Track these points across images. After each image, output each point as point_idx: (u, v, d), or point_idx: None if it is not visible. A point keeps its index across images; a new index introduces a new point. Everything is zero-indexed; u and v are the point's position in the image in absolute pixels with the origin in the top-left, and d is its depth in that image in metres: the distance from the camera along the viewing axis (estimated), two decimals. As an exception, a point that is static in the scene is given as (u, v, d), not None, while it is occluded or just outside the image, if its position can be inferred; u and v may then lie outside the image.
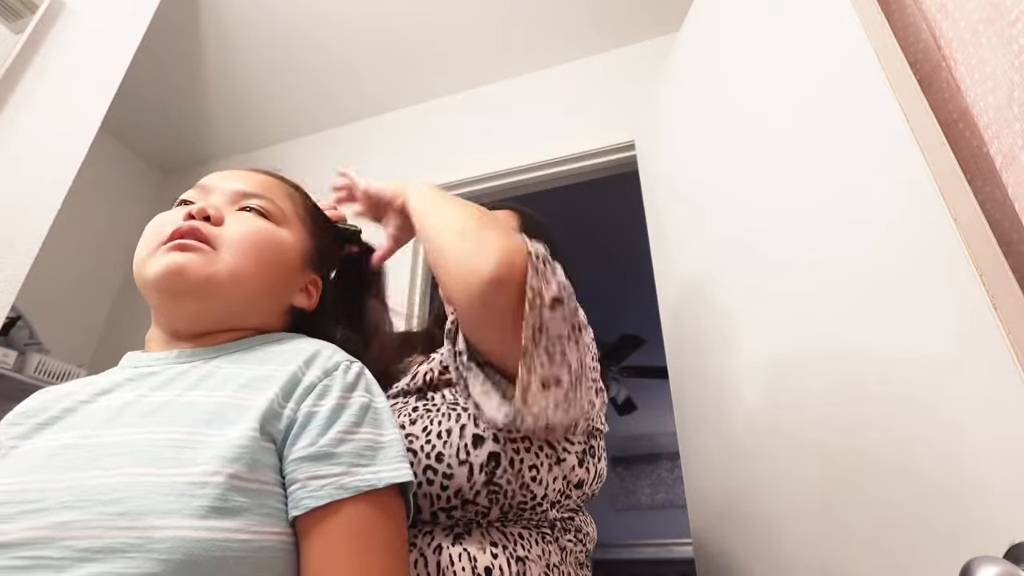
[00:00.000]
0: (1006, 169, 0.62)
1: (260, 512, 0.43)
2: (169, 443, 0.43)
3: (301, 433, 0.47)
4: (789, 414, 0.85)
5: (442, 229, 0.60)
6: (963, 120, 0.69)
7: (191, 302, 0.54)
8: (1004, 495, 0.52)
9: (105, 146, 2.28)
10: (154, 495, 0.40)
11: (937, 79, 0.73)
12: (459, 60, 2.04)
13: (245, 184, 0.61)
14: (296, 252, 0.62)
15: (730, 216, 1.06)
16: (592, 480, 0.68)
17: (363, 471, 0.46)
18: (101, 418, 0.47)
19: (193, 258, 0.53)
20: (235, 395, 0.48)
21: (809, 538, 0.78)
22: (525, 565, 0.57)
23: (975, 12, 0.67)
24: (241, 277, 0.55)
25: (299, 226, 0.64)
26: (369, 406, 0.51)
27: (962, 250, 0.58)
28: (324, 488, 0.44)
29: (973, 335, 0.57)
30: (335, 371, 0.52)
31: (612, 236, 2.78)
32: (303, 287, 0.64)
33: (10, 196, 1.13)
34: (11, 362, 1.57)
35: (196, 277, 0.52)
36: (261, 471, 0.44)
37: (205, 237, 0.54)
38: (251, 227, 0.58)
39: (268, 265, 0.58)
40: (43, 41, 1.25)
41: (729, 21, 1.12)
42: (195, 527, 0.39)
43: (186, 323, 0.56)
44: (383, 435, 0.50)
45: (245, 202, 0.60)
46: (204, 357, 0.54)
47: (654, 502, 4.80)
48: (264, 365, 0.52)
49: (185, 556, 0.38)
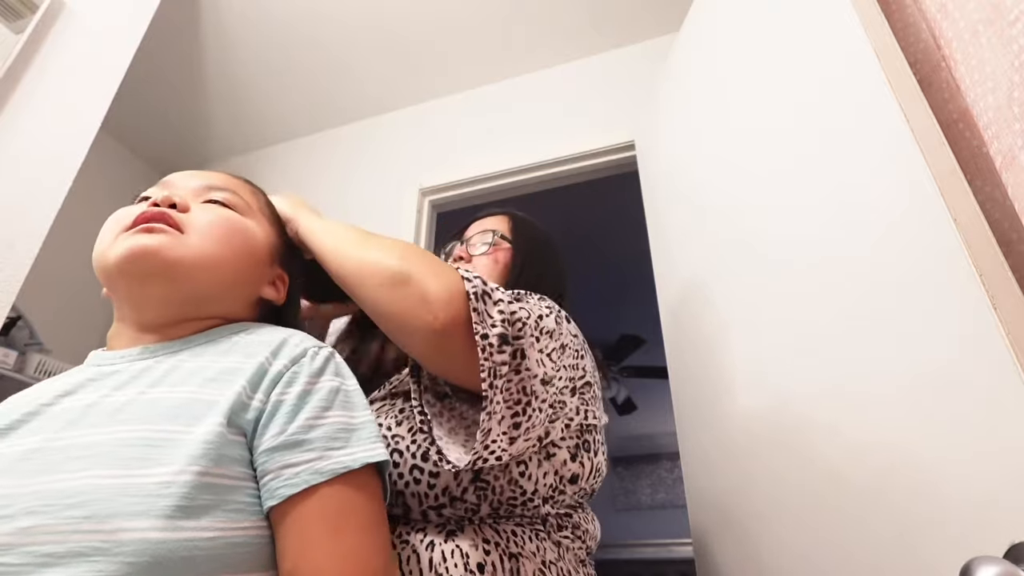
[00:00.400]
0: (1006, 169, 0.62)
1: (229, 508, 0.42)
2: (133, 442, 0.42)
3: (269, 423, 0.46)
4: (788, 414, 0.85)
5: (366, 275, 0.58)
6: (963, 120, 0.69)
7: (158, 285, 0.52)
8: (1004, 495, 0.52)
9: (105, 146, 2.28)
10: (120, 497, 0.39)
11: (937, 79, 0.73)
12: (459, 60, 2.04)
13: (209, 180, 0.61)
14: (263, 244, 0.61)
15: (730, 216, 1.06)
16: (588, 475, 0.66)
17: (337, 454, 0.46)
18: (65, 420, 0.46)
19: (161, 239, 0.51)
20: (201, 390, 0.47)
21: (809, 538, 0.78)
22: (519, 562, 0.57)
23: (975, 12, 0.67)
24: (209, 262, 0.54)
25: (264, 220, 0.63)
26: (339, 389, 0.50)
27: (962, 250, 0.58)
28: (299, 475, 0.44)
29: (973, 336, 0.57)
30: (303, 358, 0.51)
31: (612, 236, 2.78)
32: (271, 280, 0.63)
33: (10, 196, 1.13)
34: (11, 362, 1.57)
35: (164, 258, 0.51)
36: (228, 466, 0.43)
37: (173, 221, 0.53)
38: (219, 215, 0.57)
39: (236, 252, 0.57)
40: (43, 41, 1.25)
41: (729, 21, 1.12)
42: (161, 528, 0.38)
43: (153, 309, 0.54)
44: (355, 417, 0.49)
45: (210, 195, 0.59)
46: (168, 351, 0.52)
47: (654, 502, 4.80)
48: (229, 356, 0.51)
49: (151, 558, 0.37)
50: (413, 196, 1.95)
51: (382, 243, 0.61)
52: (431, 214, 1.96)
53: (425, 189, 1.95)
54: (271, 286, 0.63)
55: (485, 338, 0.53)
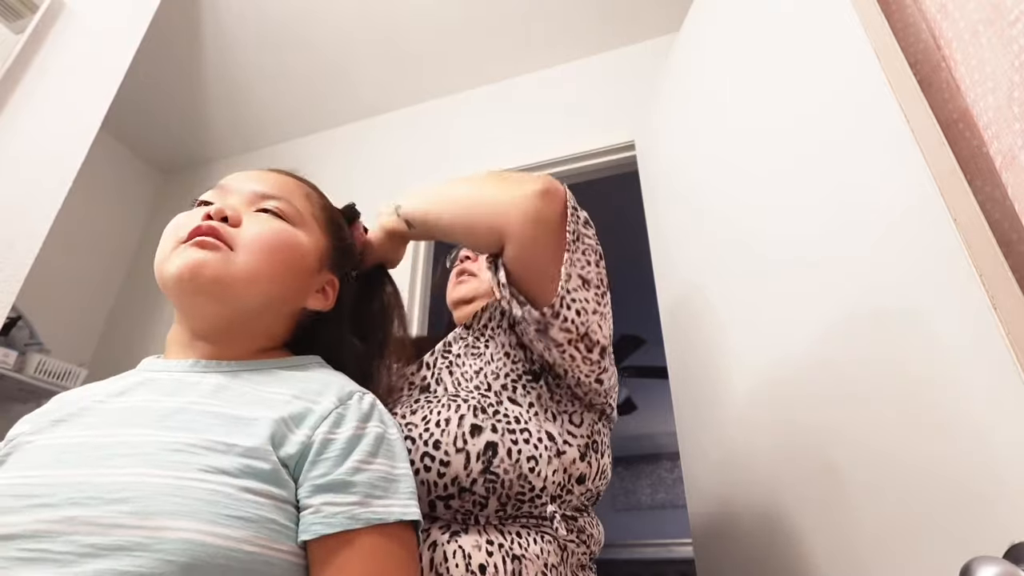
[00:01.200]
0: (1006, 169, 0.62)
1: (269, 527, 0.43)
2: (181, 447, 0.44)
3: (318, 460, 0.47)
4: (789, 414, 0.85)
5: (475, 189, 0.68)
6: (963, 120, 0.69)
7: (207, 301, 0.54)
8: (1004, 495, 0.52)
9: (105, 146, 2.28)
10: (165, 496, 0.40)
11: (937, 79, 0.73)
12: (457, 61, 2.03)
13: (263, 185, 0.62)
14: (312, 253, 0.62)
15: (729, 216, 1.06)
16: (595, 475, 0.67)
17: (376, 503, 0.47)
18: (114, 418, 0.47)
19: (211, 256, 0.54)
20: (247, 410, 0.49)
21: (809, 538, 0.78)
22: (521, 564, 0.57)
23: (975, 12, 0.67)
24: (256, 278, 0.56)
25: (316, 227, 0.64)
26: (384, 437, 0.51)
27: (962, 250, 0.58)
28: (337, 516, 0.45)
29: (973, 335, 0.57)
30: (349, 400, 0.52)
31: (612, 236, 2.78)
32: (320, 288, 0.64)
33: (10, 196, 1.13)
34: (11, 362, 1.56)
35: (213, 275, 0.53)
36: (272, 487, 0.44)
37: (223, 237, 0.55)
38: (268, 229, 0.58)
39: (284, 267, 0.58)
40: (43, 41, 1.25)
41: (729, 21, 1.12)
42: (204, 532, 0.39)
43: (204, 321, 0.56)
44: (396, 468, 0.50)
45: (263, 203, 0.60)
46: (217, 370, 0.55)
47: (654, 502, 4.80)
48: (275, 386, 0.53)
49: (191, 559, 0.38)
50: (413, 196, 1.95)
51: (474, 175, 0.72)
52: (431, 214, 1.96)
53: (425, 189, 1.95)
54: (319, 294, 0.64)
55: (575, 210, 0.66)
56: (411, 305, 1.75)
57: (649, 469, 4.95)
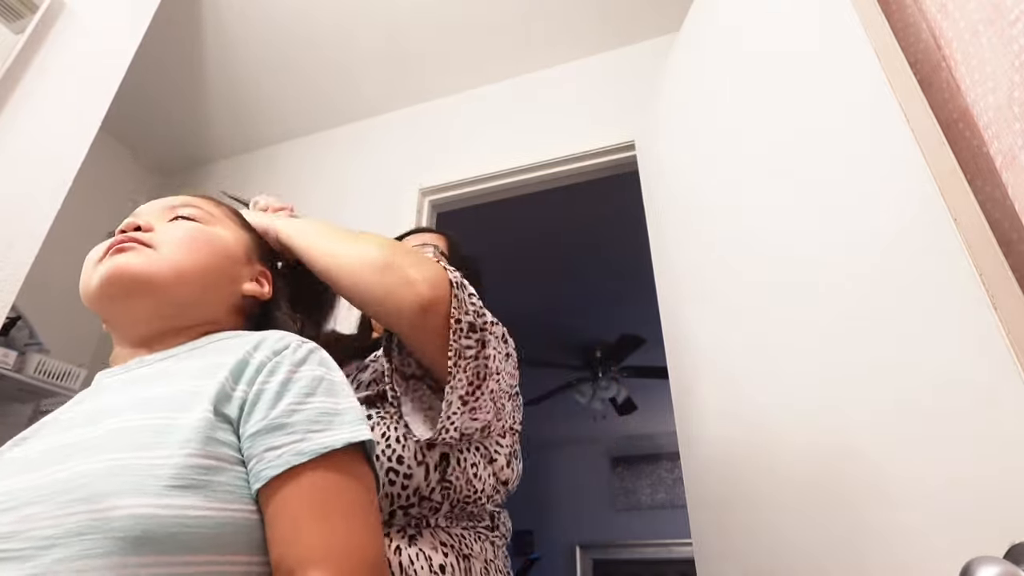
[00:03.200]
0: (1006, 169, 0.62)
1: (218, 489, 0.43)
2: (126, 431, 0.44)
3: (252, 409, 0.47)
4: (789, 414, 0.85)
5: (356, 264, 0.63)
6: (963, 120, 0.69)
7: (139, 299, 0.55)
8: (1004, 495, 0.52)
9: (105, 146, 2.27)
10: (112, 477, 0.40)
11: (937, 79, 0.73)
12: (458, 60, 2.03)
13: (170, 202, 0.64)
14: (235, 245, 0.64)
15: (728, 216, 1.06)
16: (515, 478, 0.76)
17: (319, 436, 0.46)
18: (69, 425, 0.48)
19: (132, 256, 0.54)
20: (188, 383, 0.49)
21: (809, 538, 0.78)
22: (469, 562, 0.64)
23: (975, 12, 0.67)
24: (182, 270, 0.56)
25: (232, 224, 0.66)
26: (323, 378, 0.51)
27: (962, 250, 0.58)
28: (281, 456, 0.45)
29: (973, 335, 0.57)
30: (285, 349, 0.52)
31: (612, 236, 2.78)
32: (253, 278, 0.65)
33: (10, 196, 1.13)
34: (11, 362, 1.56)
35: (138, 273, 0.54)
36: (216, 448, 0.45)
37: (141, 240, 0.56)
38: (183, 226, 0.60)
39: (207, 255, 0.59)
40: (43, 41, 1.25)
41: (729, 21, 1.12)
42: (151, 504, 0.39)
43: (141, 324, 0.57)
44: (339, 403, 0.50)
45: (173, 213, 0.62)
46: (160, 359, 0.55)
47: (654, 502, 4.79)
48: (216, 355, 0.53)
49: (142, 532, 0.38)
50: (413, 196, 1.95)
51: (364, 236, 0.67)
52: (431, 214, 1.96)
53: (425, 189, 1.95)
54: (254, 282, 0.65)
55: (459, 322, 0.61)
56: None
57: (649, 469, 4.95)
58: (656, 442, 4.93)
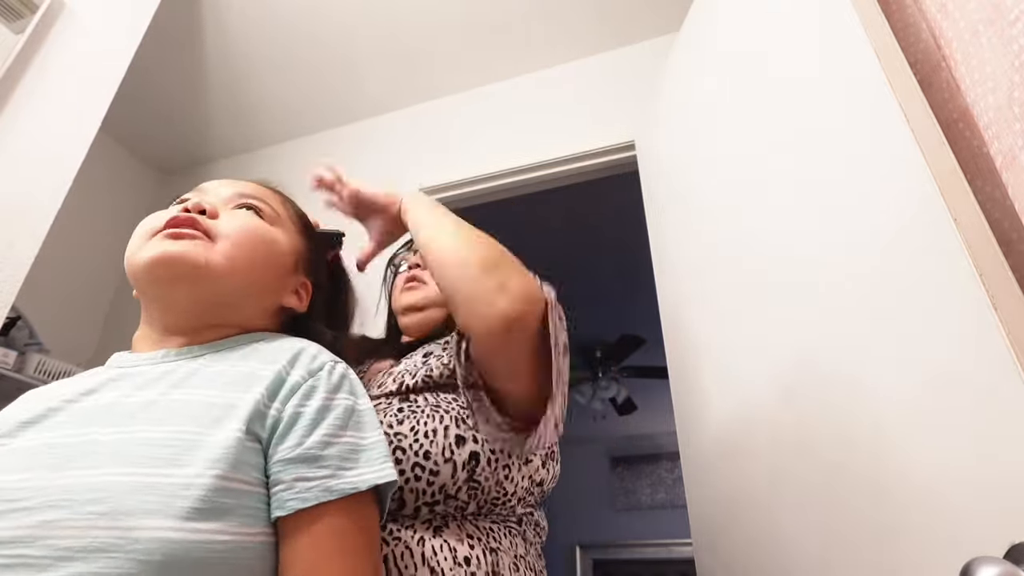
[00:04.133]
0: (1006, 169, 0.62)
1: (243, 513, 0.42)
2: (153, 443, 0.43)
3: (287, 434, 0.47)
4: (789, 414, 0.85)
5: (460, 258, 0.62)
6: (963, 120, 0.69)
7: (185, 288, 0.53)
8: (1004, 495, 0.52)
9: (105, 147, 2.27)
10: (137, 495, 0.39)
11: (937, 79, 0.73)
12: (459, 60, 2.03)
13: (239, 188, 0.62)
14: (289, 253, 0.63)
15: (729, 215, 1.06)
16: (550, 479, 0.75)
17: (348, 474, 0.46)
18: (85, 417, 0.46)
19: (189, 245, 0.53)
20: (220, 393, 0.48)
21: (809, 538, 0.78)
22: (497, 555, 0.63)
23: (975, 12, 0.67)
24: (236, 267, 0.55)
25: (292, 229, 0.65)
26: (353, 409, 0.51)
27: (962, 250, 0.58)
28: (311, 490, 0.45)
29: (973, 335, 0.57)
30: (320, 371, 0.52)
31: (612, 236, 2.78)
32: (294, 289, 0.64)
33: (10, 196, 1.13)
34: (11, 362, 1.56)
35: (193, 262, 0.52)
36: (245, 472, 0.44)
37: (201, 227, 0.54)
38: (247, 222, 0.58)
39: (262, 260, 0.58)
40: (43, 41, 1.25)
41: (729, 21, 1.12)
42: (177, 528, 0.39)
43: (179, 312, 0.55)
44: (365, 438, 0.50)
45: (240, 201, 0.61)
46: (188, 356, 0.54)
47: (654, 502, 4.79)
48: (248, 362, 0.52)
49: (166, 557, 0.38)
50: (413, 196, 1.95)
51: (477, 232, 0.67)
52: (431, 214, 1.96)
53: (426, 189, 1.95)
54: (294, 294, 0.64)
55: (557, 344, 0.61)
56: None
57: (649, 469, 4.94)
58: (656, 442, 4.93)
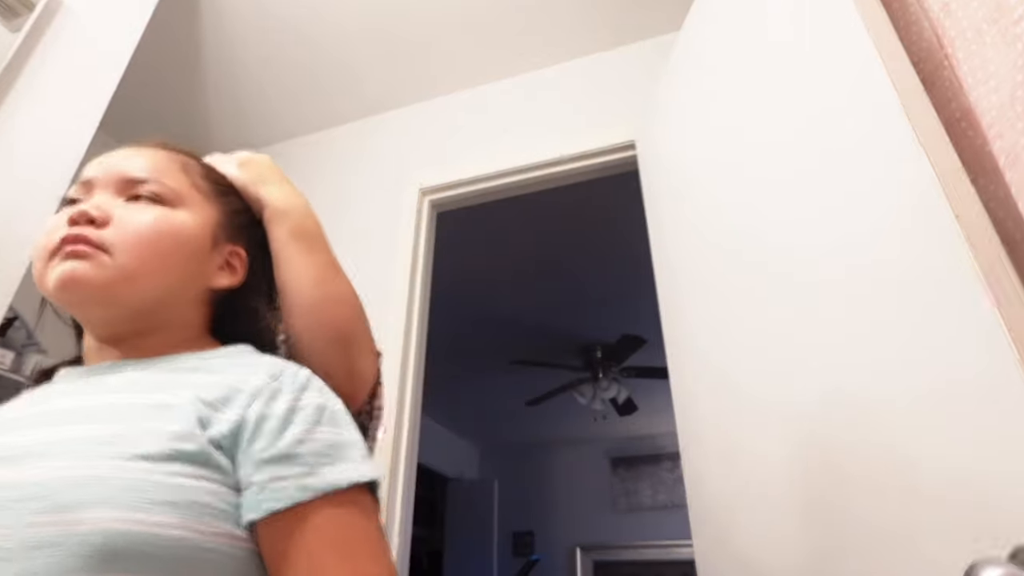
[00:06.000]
0: (1009, 168, 0.62)
1: (200, 510, 0.40)
2: (96, 438, 0.41)
3: (256, 435, 0.44)
4: (790, 413, 0.85)
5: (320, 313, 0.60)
6: (966, 119, 0.68)
7: (96, 308, 0.51)
8: (1008, 496, 0.52)
9: (104, 146, 2.26)
10: (80, 487, 0.37)
11: (940, 78, 0.73)
12: (458, 59, 2.03)
13: (130, 169, 0.56)
14: (201, 231, 0.57)
15: (728, 215, 1.06)
16: None
17: (325, 471, 0.43)
18: (32, 423, 0.44)
19: (84, 266, 0.49)
20: (168, 397, 0.45)
21: (811, 539, 0.77)
22: None
23: (978, 11, 0.66)
24: (136, 276, 0.51)
25: (200, 200, 0.58)
26: (324, 406, 0.48)
27: (965, 249, 0.58)
28: (286, 490, 0.41)
29: (976, 335, 0.56)
30: (282, 375, 0.49)
31: (612, 236, 2.78)
32: (222, 264, 0.59)
33: (8, 196, 1.13)
34: (8, 363, 1.56)
35: (91, 285, 0.49)
36: (202, 468, 0.41)
37: (92, 242, 0.50)
38: (142, 221, 0.53)
39: (170, 256, 0.53)
40: (40, 40, 1.24)
41: (730, 20, 1.12)
42: (123, 519, 0.36)
43: (101, 327, 0.53)
44: (342, 434, 0.47)
45: (133, 190, 0.55)
46: (134, 367, 0.52)
47: (655, 503, 4.78)
48: (197, 373, 0.50)
49: (110, 549, 0.35)
50: (413, 196, 1.94)
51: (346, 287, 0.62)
52: (431, 214, 1.95)
53: (425, 188, 1.95)
54: (224, 269, 0.59)
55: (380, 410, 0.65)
56: (411, 296, 1.74)
57: (649, 470, 4.94)
58: (657, 442, 4.93)
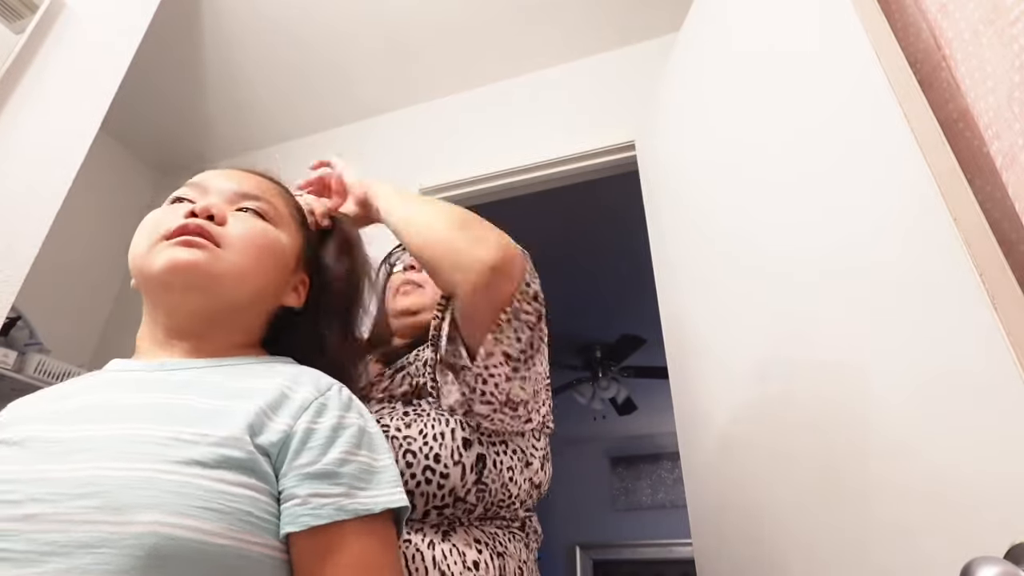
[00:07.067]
0: (1006, 169, 0.62)
1: (244, 519, 0.41)
2: (149, 439, 0.42)
3: (302, 449, 0.46)
4: (789, 414, 0.85)
5: (437, 222, 0.67)
6: (963, 120, 0.69)
7: (196, 297, 0.54)
8: (1005, 494, 0.52)
9: (105, 146, 2.27)
10: (133, 489, 0.38)
11: (937, 79, 0.73)
12: (458, 60, 2.03)
13: (241, 185, 0.61)
14: (292, 252, 0.63)
15: (728, 215, 1.06)
16: (546, 481, 0.77)
17: (361, 495, 0.46)
18: (80, 416, 0.46)
19: (201, 255, 0.53)
20: (221, 402, 0.47)
21: (809, 538, 0.78)
22: (504, 560, 0.65)
23: (975, 12, 0.67)
24: (245, 277, 0.56)
25: (293, 227, 0.65)
26: (364, 429, 0.51)
27: (962, 250, 0.58)
28: (325, 508, 0.44)
29: (973, 335, 0.57)
30: (328, 391, 0.52)
31: (612, 236, 2.78)
32: (295, 285, 0.65)
33: (10, 196, 1.13)
34: (11, 362, 1.56)
35: (205, 273, 0.53)
36: (249, 477, 0.43)
37: (211, 235, 0.54)
38: (253, 228, 0.58)
39: (268, 266, 0.59)
40: (43, 41, 1.25)
41: (730, 21, 1.12)
42: (173, 524, 0.37)
43: (184, 316, 0.56)
44: (378, 459, 0.50)
45: (243, 203, 0.60)
46: (185, 368, 0.54)
47: (654, 502, 4.78)
48: (249, 379, 0.52)
49: (158, 553, 0.37)
50: (413, 196, 1.95)
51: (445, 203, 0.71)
52: (431, 214, 1.96)
53: (425, 189, 1.95)
54: (293, 292, 0.65)
55: (528, 286, 0.65)
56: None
57: (649, 469, 4.94)
58: (656, 442, 4.93)
